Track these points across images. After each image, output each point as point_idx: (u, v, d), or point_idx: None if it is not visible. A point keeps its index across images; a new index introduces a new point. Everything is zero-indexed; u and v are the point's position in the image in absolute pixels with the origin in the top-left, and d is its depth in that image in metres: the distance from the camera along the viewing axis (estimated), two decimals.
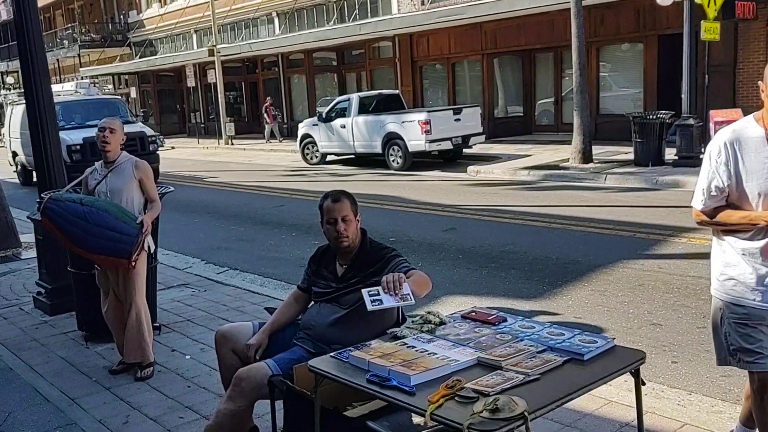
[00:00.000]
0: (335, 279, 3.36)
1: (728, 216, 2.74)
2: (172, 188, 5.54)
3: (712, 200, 2.76)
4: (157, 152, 16.14)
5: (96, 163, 4.82)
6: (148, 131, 16.32)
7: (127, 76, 36.31)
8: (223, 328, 3.62)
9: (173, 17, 32.56)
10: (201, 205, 12.42)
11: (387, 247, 3.39)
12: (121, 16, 38.19)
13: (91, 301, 5.21)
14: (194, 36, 32.70)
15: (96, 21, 39.86)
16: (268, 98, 26.34)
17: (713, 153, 2.72)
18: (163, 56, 32.77)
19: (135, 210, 4.61)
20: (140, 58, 33.50)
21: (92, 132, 14.41)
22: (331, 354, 2.77)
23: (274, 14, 27.77)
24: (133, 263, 4.48)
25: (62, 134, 14.97)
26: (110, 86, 19.78)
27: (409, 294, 2.89)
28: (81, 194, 4.67)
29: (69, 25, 40.18)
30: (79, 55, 36.86)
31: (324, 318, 3.30)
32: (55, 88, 17.51)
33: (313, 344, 3.25)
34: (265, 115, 25.57)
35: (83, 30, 38.62)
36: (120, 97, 18.87)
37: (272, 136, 25.47)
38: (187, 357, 4.89)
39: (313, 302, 3.47)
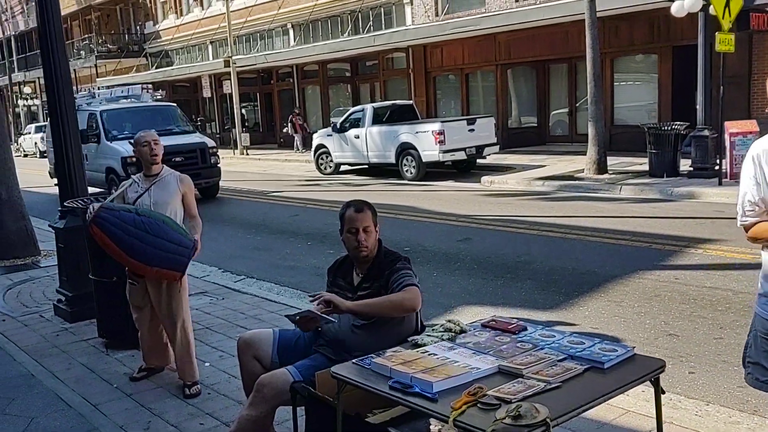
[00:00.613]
0: (351, 288, 3.41)
1: (760, 229, 2.63)
2: None
3: (750, 214, 2.64)
4: (219, 165, 14.90)
5: (133, 176, 4.71)
6: (209, 142, 14.93)
7: None
8: (246, 335, 3.66)
9: (189, 28, 32.90)
10: (217, 214, 12.52)
11: (399, 256, 3.41)
12: (138, 27, 38.63)
13: (112, 309, 5.29)
14: (210, 47, 33.01)
15: (113, 32, 40.32)
16: (295, 109, 26.51)
17: (745, 166, 2.62)
18: (179, 67, 33.09)
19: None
20: (156, 68, 33.86)
21: None
22: (353, 360, 2.81)
23: (289, 26, 27.99)
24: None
25: (115, 145, 13.82)
26: (162, 92, 18.53)
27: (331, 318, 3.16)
28: (130, 204, 4.49)
29: (86, 35, 40.68)
30: (95, 65, 37.31)
31: (344, 326, 3.34)
32: (100, 93, 16.81)
33: (334, 351, 3.29)
34: (290, 125, 25.66)
35: (100, 41, 39.08)
36: (174, 105, 17.11)
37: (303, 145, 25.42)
38: (207, 364, 4.94)
39: None
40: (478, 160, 16.64)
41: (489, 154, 16.46)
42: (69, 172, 6.08)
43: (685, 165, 12.57)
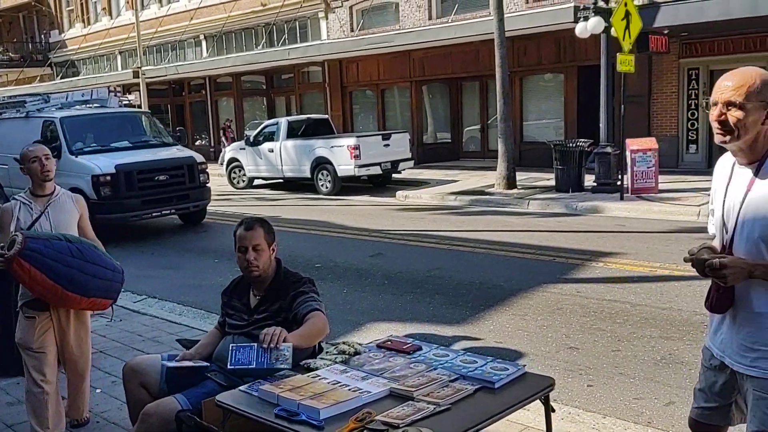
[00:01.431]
0: (248, 310, 3.29)
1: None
2: None
3: (711, 224, 2.54)
4: (209, 185, 12.23)
5: (18, 197, 4.08)
6: (197, 157, 12.18)
7: None
8: (132, 361, 3.48)
9: (97, 38, 31.76)
10: (122, 232, 12.02)
11: (302, 278, 3.32)
12: (42, 36, 36.97)
13: None
14: (119, 57, 31.96)
15: (15, 40, 38.44)
16: (227, 121, 25.96)
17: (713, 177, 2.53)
18: (85, 77, 31.82)
19: None
20: (62, 78, 32.47)
21: (126, 157, 11.10)
22: (241, 387, 2.69)
23: (202, 37, 27.47)
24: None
25: (83, 160, 11.07)
26: (133, 96, 16.32)
27: (286, 353, 2.76)
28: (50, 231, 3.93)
29: None
30: None
31: None
32: (55, 96, 13.57)
33: (226, 377, 3.15)
34: (223, 138, 25.03)
35: (1, 49, 37.20)
36: (149, 111, 14.66)
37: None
38: (98, 390, 4.68)
39: (226, 335, 3.38)
40: (394, 175, 16.73)
41: (404, 169, 16.58)
42: None
43: (589, 180, 13.03)
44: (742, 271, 2.18)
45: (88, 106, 13.10)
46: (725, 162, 2.46)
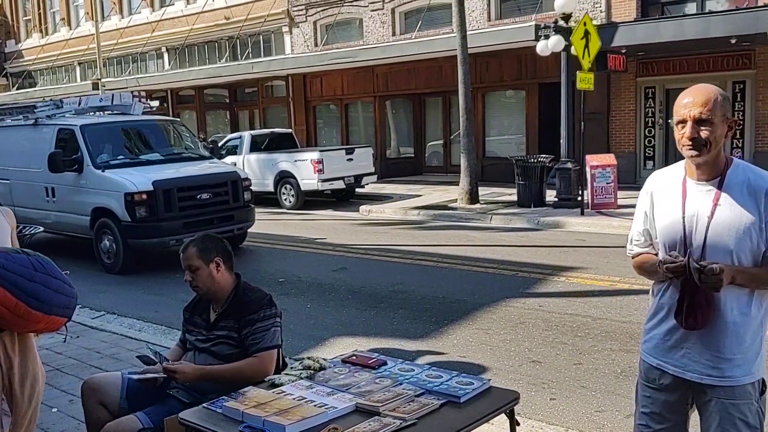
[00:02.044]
0: (207, 326, 3.27)
1: (641, 260, 2.58)
2: (41, 228, 5.21)
3: (636, 245, 2.60)
4: (252, 205, 10.82)
5: None
6: (241, 172, 10.96)
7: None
8: (91, 378, 3.40)
9: (55, 48, 31.21)
10: (76, 246, 11.76)
11: (262, 298, 3.27)
12: None
13: None
14: (78, 68, 31.44)
15: None
16: (200, 134, 25.68)
17: (639, 198, 2.60)
18: (43, 88, 31.22)
19: None
20: (18, 89, 31.79)
21: (161, 172, 9.59)
22: (204, 404, 2.65)
23: (164, 49, 27.20)
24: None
25: (112, 175, 9.49)
26: (156, 102, 13.77)
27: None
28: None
29: None
30: None
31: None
32: (67, 101, 11.57)
33: (188, 394, 3.11)
34: None
35: None
36: (178, 120, 13.27)
37: None
38: (54, 410, 4.56)
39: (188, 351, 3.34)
40: (357, 190, 16.73)
41: (367, 184, 16.60)
42: None
43: (550, 196, 13.21)
44: (730, 277, 2.25)
45: (107, 112, 11.51)
46: (665, 180, 2.50)
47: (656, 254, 2.52)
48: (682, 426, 2.51)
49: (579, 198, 12.26)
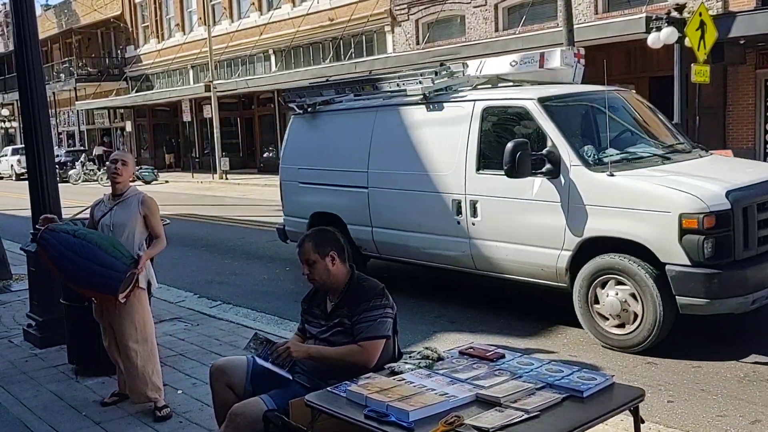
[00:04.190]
0: (324, 316, 3.38)
1: None
2: (168, 221, 5.52)
3: None
4: None
5: (105, 194, 4.74)
6: None
7: (122, 110, 36.53)
8: (219, 362, 3.58)
9: (170, 53, 32.90)
10: (195, 238, 12.38)
11: (375, 287, 3.35)
12: (119, 51, 38.56)
13: (82, 334, 5.17)
14: (191, 71, 33.00)
15: (93, 55, 40.20)
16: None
17: None
18: (159, 91, 33.01)
19: (135, 246, 4.49)
20: (136, 92, 33.75)
21: (722, 176, 5.25)
22: (329, 388, 2.75)
23: (271, 51, 28.10)
24: (123, 300, 4.34)
25: (635, 182, 5.49)
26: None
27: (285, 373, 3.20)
28: (78, 226, 4.54)
29: (66, 58, 40.51)
30: (75, 88, 37.11)
31: None
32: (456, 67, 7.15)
33: (309, 379, 3.23)
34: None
35: (80, 64, 38.93)
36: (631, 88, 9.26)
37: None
38: (179, 392, 4.83)
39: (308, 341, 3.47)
40: None
41: None
42: (42, 194, 5.98)
43: None
44: None
45: (517, 83, 7.34)
46: None
47: None
48: None
49: None
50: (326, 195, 7.88)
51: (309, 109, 8.25)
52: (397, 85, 7.25)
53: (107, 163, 4.68)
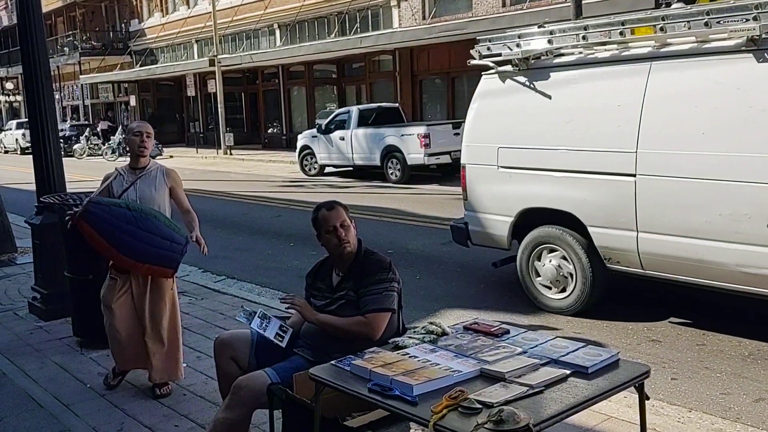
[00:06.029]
0: (330, 289, 3.36)
1: None
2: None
3: None
4: None
5: (118, 168, 4.58)
6: None
7: (126, 85, 36.40)
8: (223, 335, 3.59)
9: (175, 27, 32.69)
10: (199, 213, 12.28)
11: (382, 261, 3.34)
12: (123, 25, 38.33)
13: (87, 307, 5.18)
14: (195, 46, 32.82)
15: (97, 29, 40.00)
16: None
17: None
18: (163, 65, 32.86)
19: None
20: (140, 66, 33.58)
21: None
22: (332, 362, 2.74)
23: (276, 26, 27.89)
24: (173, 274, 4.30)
25: None
26: None
27: (283, 335, 3.28)
28: (124, 199, 4.35)
29: (70, 32, 40.32)
30: (79, 62, 36.96)
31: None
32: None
33: (313, 353, 3.22)
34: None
35: (84, 38, 38.75)
36: None
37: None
38: (184, 365, 4.83)
39: None
40: None
41: None
42: (46, 167, 5.97)
43: None
44: None
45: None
46: None
47: None
48: None
49: None
50: (548, 184, 5.76)
51: (522, 65, 6.06)
52: (706, 24, 4.74)
53: (128, 136, 4.46)
